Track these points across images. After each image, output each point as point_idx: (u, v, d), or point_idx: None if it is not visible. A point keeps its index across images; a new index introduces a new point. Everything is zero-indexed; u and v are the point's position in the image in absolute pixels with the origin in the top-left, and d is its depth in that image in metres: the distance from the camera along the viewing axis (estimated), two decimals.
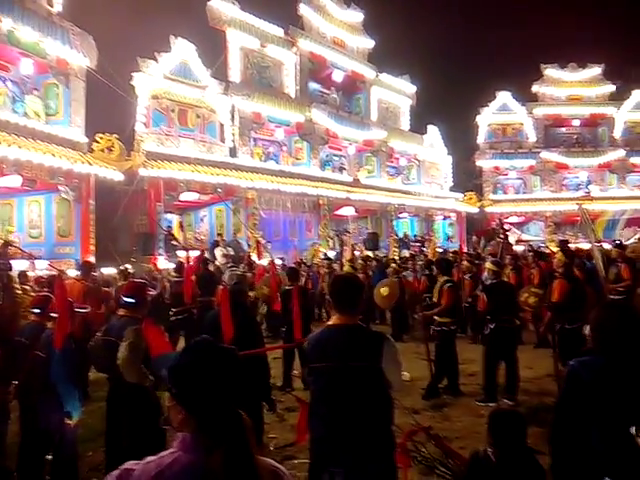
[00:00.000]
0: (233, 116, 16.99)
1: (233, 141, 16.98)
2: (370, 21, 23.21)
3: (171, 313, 8.37)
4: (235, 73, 17.63)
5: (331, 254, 16.11)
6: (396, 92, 24.86)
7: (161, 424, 3.29)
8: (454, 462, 4.15)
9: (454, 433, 5.28)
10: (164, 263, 12.79)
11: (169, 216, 15.71)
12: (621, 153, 27.89)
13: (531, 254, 11.15)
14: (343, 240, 16.44)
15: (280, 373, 7.11)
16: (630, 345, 2.49)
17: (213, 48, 17.59)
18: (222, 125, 16.78)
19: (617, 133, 28.60)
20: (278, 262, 12.74)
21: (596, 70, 28.47)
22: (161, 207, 14.13)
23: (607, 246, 11.54)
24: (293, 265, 9.61)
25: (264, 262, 12.06)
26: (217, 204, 16.07)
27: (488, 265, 7.09)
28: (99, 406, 4.66)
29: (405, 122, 25.87)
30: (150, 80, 14.59)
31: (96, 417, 4.73)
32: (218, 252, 14.07)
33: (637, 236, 11.72)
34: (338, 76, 21.56)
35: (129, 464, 1.37)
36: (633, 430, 2.08)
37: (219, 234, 15.36)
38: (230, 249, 14.50)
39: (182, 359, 1.46)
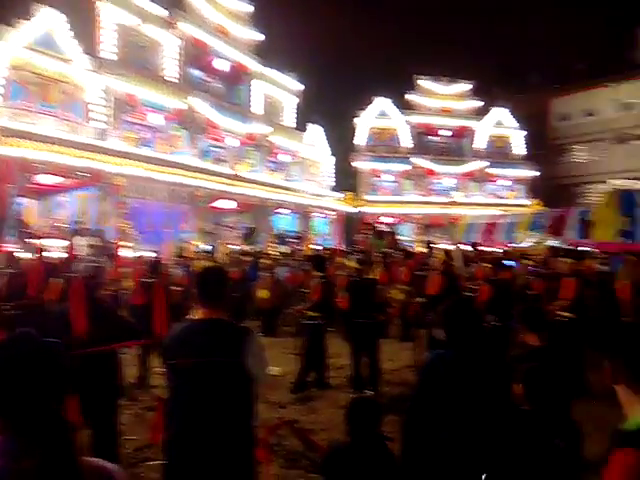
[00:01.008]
0: (105, 96, 15.75)
1: (106, 123, 15.76)
2: (261, 15, 23.00)
3: (7, 307, 7.47)
4: (108, 50, 16.37)
5: (206, 248, 15.59)
6: (281, 88, 24.85)
7: None
8: (316, 454, 4.21)
9: (320, 425, 5.37)
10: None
11: (24, 200, 14.12)
12: (482, 164, 30.57)
13: (401, 253, 11.71)
14: (218, 234, 16.04)
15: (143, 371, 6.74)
16: (473, 338, 2.62)
17: (87, 22, 16.18)
18: (89, 105, 15.48)
19: (479, 145, 31.29)
20: (151, 255, 12.06)
21: (466, 86, 30.88)
22: (14, 190, 12.65)
23: (466, 248, 12.44)
24: (156, 258, 9.09)
25: (131, 254, 11.30)
26: (81, 189, 14.78)
27: (351, 263, 7.29)
28: None
29: (289, 119, 25.96)
30: (9, 48, 13.03)
31: None
32: (82, 242, 12.93)
33: (532, 239, 12.87)
34: (221, 65, 20.99)
35: None
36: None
37: (80, 222, 14.11)
38: (97, 239, 13.40)
39: None
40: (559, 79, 35.09)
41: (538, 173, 31.39)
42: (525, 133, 31.70)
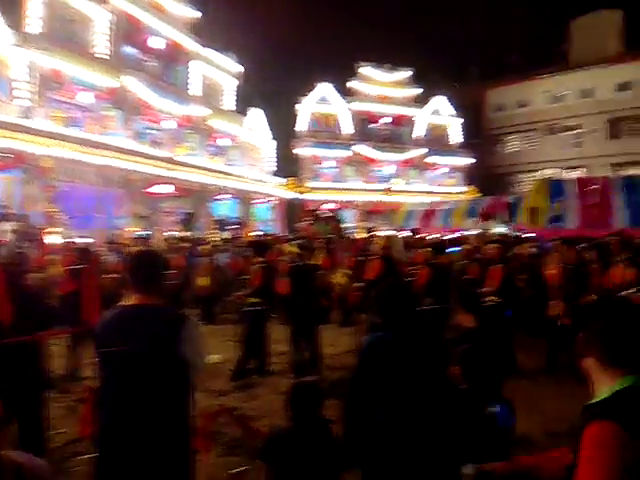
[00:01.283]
0: (29, 72, 14.73)
1: (30, 100, 14.75)
2: None
3: None
4: (34, 24, 15.30)
5: (142, 234, 15.02)
6: (221, 69, 24.22)
7: None
8: (257, 441, 4.20)
9: (261, 412, 5.31)
10: None
11: None
12: (421, 152, 31.18)
13: (344, 239, 11.76)
14: (155, 220, 15.50)
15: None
16: (408, 320, 2.63)
17: None
18: (13, 82, 14.46)
19: (419, 133, 31.87)
20: (81, 241, 11.47)
21: (406, 73, 31.26)
22: None
23: (406, 234, 12.65)
24: (86, 244, 8.65)
25: (59, 240, 10.69)
26: (4, 172, 13.80)
27: (291, 248, 7.23)
28: None
29: (229, 102, 25.38)
30: None
31: None
32: (6, 227, 12.12)
33: (482, 226, 13.06)
34: (157, 43, 20.11)
35: None
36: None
37: (4, 206, 13.20)
38: (22, 224, 12.58)
39: None
40: (495, 71, 36.31)
41: (474, 161, 32.39)
42: (462, 122, 32.55)
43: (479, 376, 2.56)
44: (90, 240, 12.14)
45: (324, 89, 29.70)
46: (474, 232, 12.97)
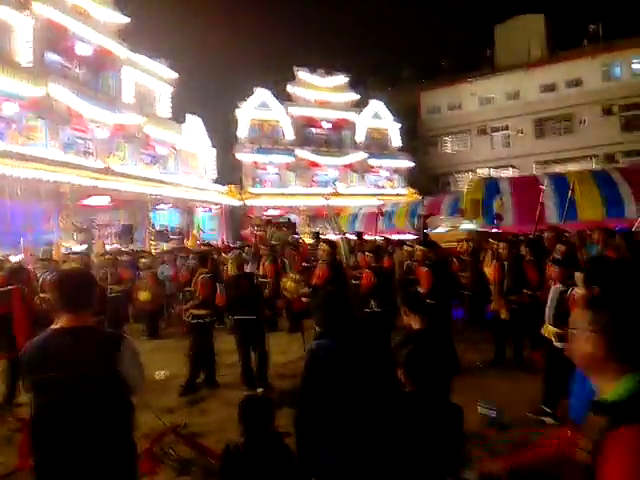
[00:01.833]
0: None
1: None
2: None
3: None
4: None
5: (77, 249, 14.31)
6: (153, 76, 23.58)
7: None
8: (207, 458, 4.11)
9: (211, 427, 5.22)
10: None
11: None
12: (362, 155, 31.60)
13: (292, 245, 11.72)
14: (91, 233, 14.80)
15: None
16: (348, 325, 2.64)
17: None
18: None
19: (359, 137, 32.30)
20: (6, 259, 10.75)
21: (342, 78, 31.60)
22: None
23: (351, 237, 12.69)
24: (16, 263, 8.12)
25: None
26: None
27: (229, 258, 7.12)
28: None
29: (164, 109, 24.75)
30: None
31: None
32: None
33: (447, 225, 12.93)
34: (83, 50, 19.31)
35: None
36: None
37: None
38: None
39: None
40: (427, 74, 37.43)
41: (413, 164, 33.18)
42: (399, 125, 33.27)
43: (423, 378, 2.59)
44: (18, 258, 11.45)
45: (262, 94, 29.53)
46: (453, 230, 12.99)
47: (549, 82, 31.51)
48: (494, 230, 11.41)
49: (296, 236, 16.10)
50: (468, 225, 13.02)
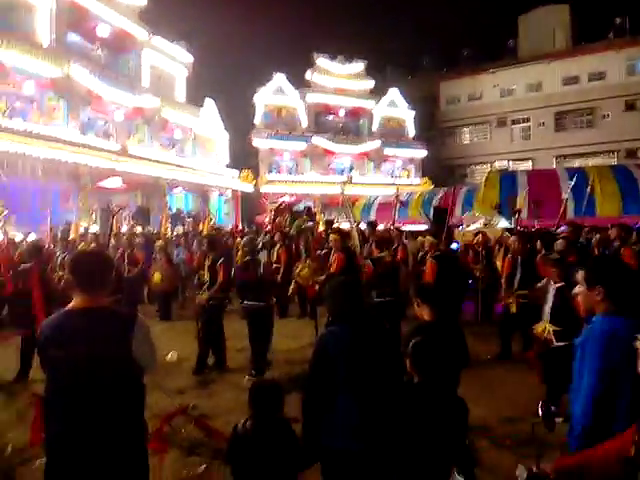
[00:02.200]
0: None
1: None
2: None
3: None
4: None
5: (94, 229, 14.50)
6: (171, 59, 23.60)
7: None
8: (215, 440, 4.16)
9: (220, 409, 5.27)
10: None
11: None
12: (377, 144, 31.41)
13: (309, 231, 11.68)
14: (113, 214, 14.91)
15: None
16: (357, 313, 2.67)
17: None
18: None
19: (375, 125, 32.08)
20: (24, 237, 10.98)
21: (360, 65, 31.33)
22: None
23: (363, 226, 12.66)
24: (33, 241, 8.25)
25: None
26: None
27: (241, 244, 7.09)
28: None
29: (180, 92, 24.78)
30: None
31: None
32: None
33: (480, 221, 12.25)
34: (104, 31, 19.37)
35: None
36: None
37: None
38: None
39: None
40: (448, 63, 36.93)
41: (428, 153, 32.88)
42: (415, 114, 32.94)
43: (429, 369, 2.61)
44: (35, 237, 11.64)
45: (279, 80, 29.40)
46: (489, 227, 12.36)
47: (572, 74, 30.94)
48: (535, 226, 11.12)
49: (310, 223, 16.09)
50: (505, 222, 12.28)
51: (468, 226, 12.28)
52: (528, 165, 31.14)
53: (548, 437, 2.51)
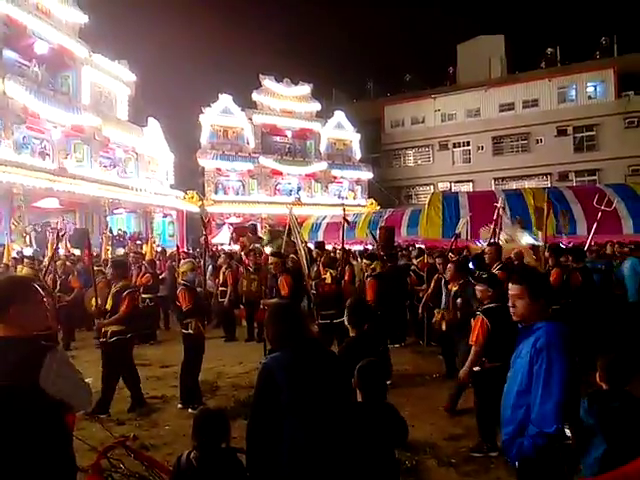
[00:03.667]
0: None
1: None
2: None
3: None
4: None
5: (28, 252, 13.77)
6: (113, 77, 23.07)
7: None
8: (157, 472, 3.96)
9: (162, 439, 5.08)
10: None
11: None
12: (324, 165, 31.75)
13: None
14: (47, 237, 14.24)
15: None
16: (298, 337, 2.63)
17: None
18: None
19: (322, 147, 32.46)
20: None
21: (306, 88, 31.73)
22: None
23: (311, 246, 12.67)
24: None
25: None
26: None
27: (182, 268, 6.77)
28: None
29: (122, 111, 24.21)
30: None
31: None
32: None
33: (503, 236, 11.17)
34: (42, 48, 18.74)
35: None
36: None
37: None
38: None
39: None
40: (392, 88, 38.08)
41: (374, 175, 33.56)
42: (360, 136, 33.62)
43: (371, 388, 2.66)
44: None
45: (225, 100, 29.29)
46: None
47: (507, 101, 32.58)
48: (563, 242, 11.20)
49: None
50: (529, 238, 11.49)
51: (485, 240, 11.41)
52: (469, 187, 32.29)
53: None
